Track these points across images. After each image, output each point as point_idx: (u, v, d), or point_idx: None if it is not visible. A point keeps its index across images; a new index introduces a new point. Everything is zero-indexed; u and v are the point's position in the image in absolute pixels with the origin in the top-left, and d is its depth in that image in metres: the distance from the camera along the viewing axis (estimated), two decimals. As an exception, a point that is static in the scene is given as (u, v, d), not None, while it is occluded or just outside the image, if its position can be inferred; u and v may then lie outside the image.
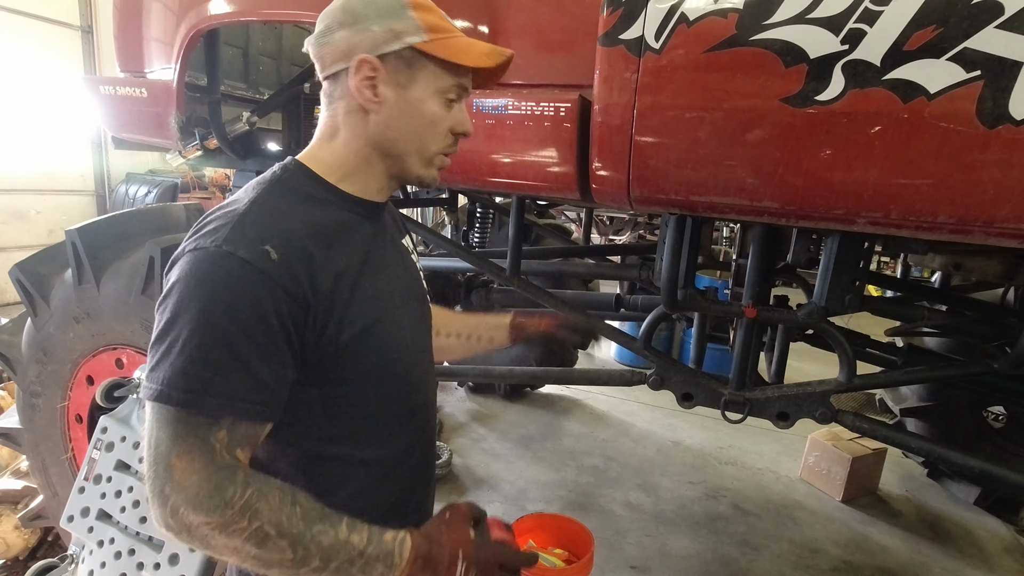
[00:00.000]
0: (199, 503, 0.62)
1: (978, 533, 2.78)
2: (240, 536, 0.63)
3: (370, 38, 0.74)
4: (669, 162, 1.28)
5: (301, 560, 0.65)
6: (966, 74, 1.00)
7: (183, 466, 0.63)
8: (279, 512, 0.65)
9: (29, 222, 5.77)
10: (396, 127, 0.77)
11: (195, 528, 0.63)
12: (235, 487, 0.64)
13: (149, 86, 2.03)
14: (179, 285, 0.66)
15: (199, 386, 0.64)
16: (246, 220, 0.69)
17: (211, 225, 0.69)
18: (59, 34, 5.84)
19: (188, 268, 0.66)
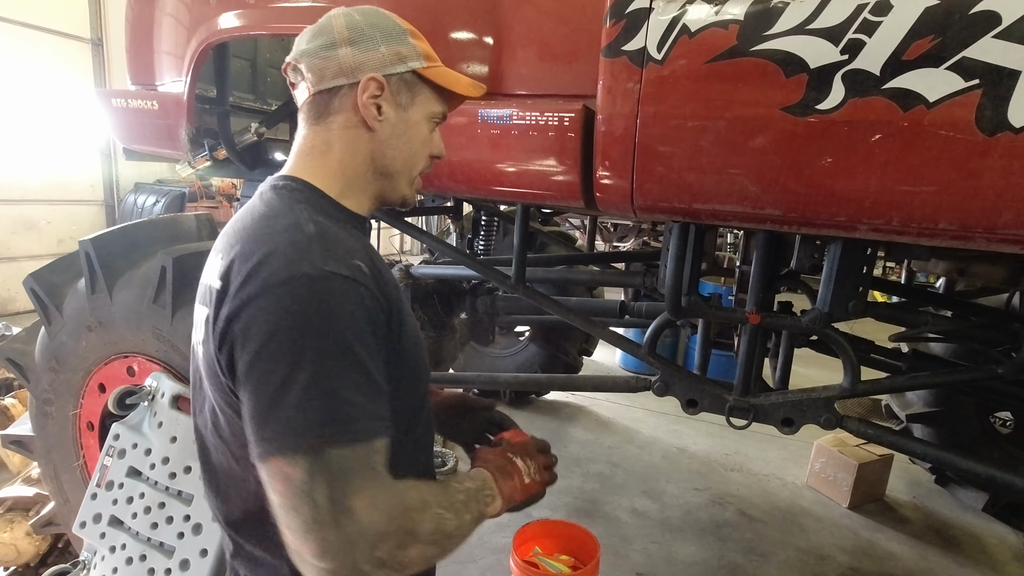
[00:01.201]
0: (389, 532, 0.61)
1: (986, 540, 2.76)
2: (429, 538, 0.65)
3: (378, 58, 0.77)
4: (672, 170, 1.30)
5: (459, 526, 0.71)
6: (964, 83, 1.02)
7: (365, 504, 0.60)
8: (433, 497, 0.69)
9: (39, 232, 5.84)
10: (395, 146, 0.81)
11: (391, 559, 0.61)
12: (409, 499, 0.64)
13: (160, 99, 2.06)
14: (289, 318, 0.62)
15: (355, 413, 0.62)
16: (326, 240, 0.68)
17: (286, 251, 0.66)
18: (70, 47, 5.93)
19: (294, 298, 0.62)
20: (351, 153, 0.79)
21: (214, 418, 0.76)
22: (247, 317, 0.64)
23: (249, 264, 0.66)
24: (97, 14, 6.08)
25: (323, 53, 0.77)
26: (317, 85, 0.77)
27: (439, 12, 1.54)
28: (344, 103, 0.78)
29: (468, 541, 0.73)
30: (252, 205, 0.78)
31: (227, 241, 0.74)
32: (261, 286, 0.64)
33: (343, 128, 0.79)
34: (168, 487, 1.33)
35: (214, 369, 0.69)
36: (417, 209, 2.99)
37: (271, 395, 0.61)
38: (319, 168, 0.80)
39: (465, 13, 1.53)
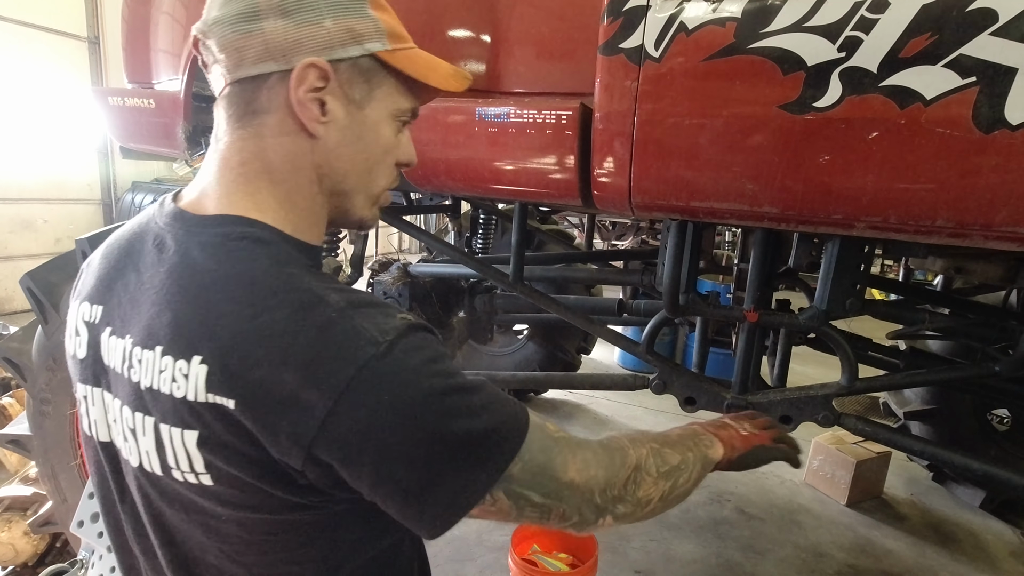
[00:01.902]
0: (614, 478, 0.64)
1: (984, 537, 2.77)
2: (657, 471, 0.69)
3: (321, 36, 0.56)
4: (670, 169, 1.30)
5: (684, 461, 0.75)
6: (961, 80, 1.02)
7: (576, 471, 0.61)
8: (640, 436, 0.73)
9: (36, 231, 5.82)
10: (347, 157, 0.62)
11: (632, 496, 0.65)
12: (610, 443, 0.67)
13: (157, 97, 2.06)
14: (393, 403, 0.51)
15: (495, 425, 0.57)
16: (357, 302, 0.55)
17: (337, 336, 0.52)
18: (66, 45, 5.91)
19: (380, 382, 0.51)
20: (292, 169, 0.60)
21: (224, 546, 0.61)
22: (341, 427, 0.50)
23: (293, 369, 0.50)
24: (93, 12, 6.06)
25: (241, 25, 0.55)
26: (235, 71, 0.57)
27: (435, 9, 1.53)
28: (275, 98, 0.58)
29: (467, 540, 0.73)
30: (197, 269, 0.55)
31: (172, 332, 0.54)
32: (334, 387, 0.50)
33: (277, 134, 0.59)
34: (166, 486, 1.33)
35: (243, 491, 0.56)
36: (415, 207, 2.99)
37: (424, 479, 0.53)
38: (260, 198, 0.59)
39: (462, 10, 1.52)
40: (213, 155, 0.61)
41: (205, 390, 0.52)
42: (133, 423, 0.59)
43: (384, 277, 2.67)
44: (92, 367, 0.63)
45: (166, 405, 0.55)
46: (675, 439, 0.79)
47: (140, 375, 0.56)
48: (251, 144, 0.59)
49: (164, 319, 0.55)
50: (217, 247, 0.56)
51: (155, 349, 0.55)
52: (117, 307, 0.61)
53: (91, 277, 0.66)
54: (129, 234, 0.65)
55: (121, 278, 0.62)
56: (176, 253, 0.57)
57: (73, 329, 0.66)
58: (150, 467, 0.59)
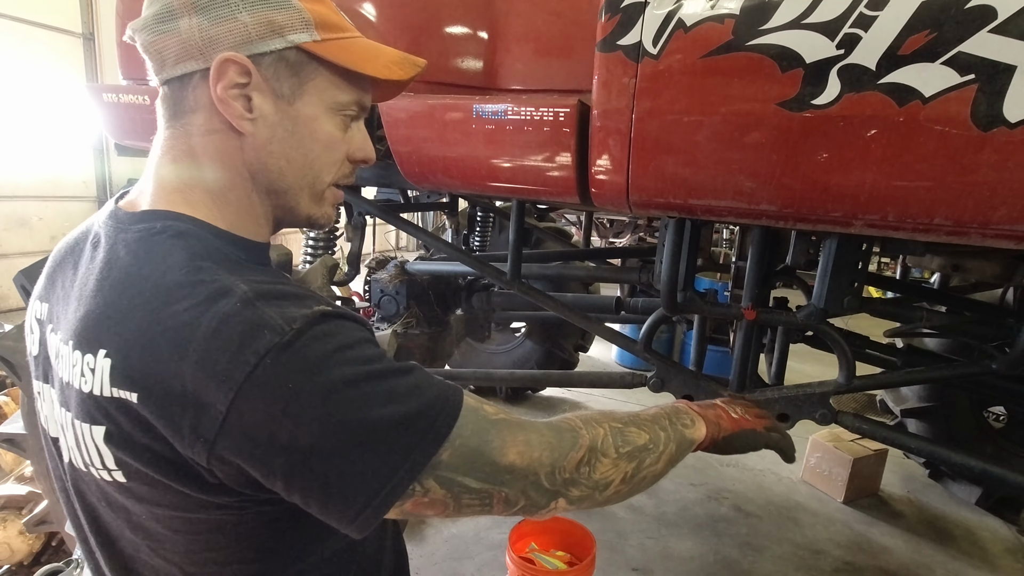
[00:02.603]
0: (562, 460, 0.61)
1: (980, 534, 2.78)
2: (616, 451, 0.66)
3: (237, 30, 0.55)
4: (667, 166, 1.29)
5: (652, 440, 0.72)
6: (960, 78, 1.01)
7: (516, 453, 0.58)
8: (601, 417, 0.70)
9: (32, 228, 5.80)
10: (281, 153, 0.60)
11: (586, 479, 0.63)
12: (560, 424, 0.66)
13: (151, 93, 2.04)
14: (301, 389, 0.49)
15: (422, 409, 0.54)
16: (265, 290, 0.53)
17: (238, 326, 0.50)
18: (61, 41, 5.88)
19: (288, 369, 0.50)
20: (222, 167, 0.59)
21: (152, 543, 0.60)
22: (242, 414, 0.49)
23: (194, 359, 0.49)
24: (88, 8, 6.02)
25: (158, 26, 0.55)
26: (160, 72, 0.58)
27: (432, 6, 1.52)
28: (200, 97, 0.57)
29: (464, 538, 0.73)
30: (117, 265, 0.55)
31: (86, 327, 0.54)
32: (238, 376, 0.48)
33: (205, 133, 0.58)
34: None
35: (155, 487, 0.55)
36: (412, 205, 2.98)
37: (338, 469, 0.51)
38: (199, 194, 0.60)
39: (460, 7, 1.51)
40: (152, 155, 0.62)
41: (109, 384, 0.51)
42: (63, 419, 0.59)
43: (381, 275, 2.67)
44: (43, 364, 0.64)
45: (77, 400, 0.55)
46: (646, 418, 0.77)
47: (62, 371, 0.57)
48: (182, 143, 0.59)
49: (79, 314, 0.55)
50: (139, 243, 0.56)
51: (70, 343, 0.55)
52: (56, 304, 0.62)
53: (42, 276, 0.68)
54: (77, 233, 0.67)
55: (61, 276, 0.64)
56: (104, 250, 0.58)
57: (28, 327, 0.67)
58: (76, 463, 0.59)
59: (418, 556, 2.34)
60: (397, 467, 0.52)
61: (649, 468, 0.71)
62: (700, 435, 0.84)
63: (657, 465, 0.73)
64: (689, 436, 0.82)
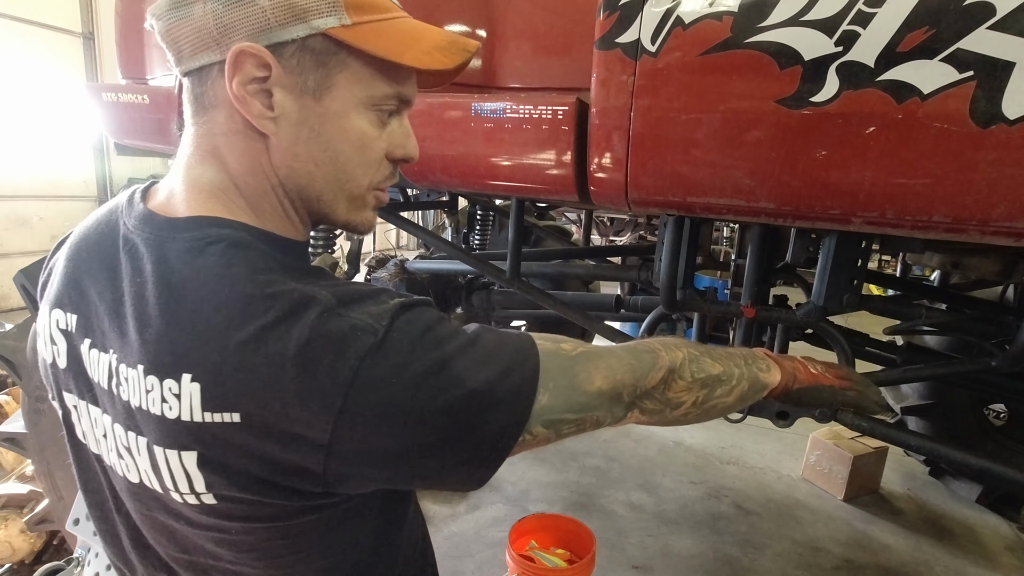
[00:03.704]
0: (641, 379, 0.64)
1: (980, 531, 2.78)
2: (692, 376, 0.69)
3: (255, 16, 0.49)
4: (666, 164, 1.29)
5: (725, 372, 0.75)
6: (959, 74, 1.01)
7: (601, 377, 0.60)
8: (679, 341, 0.73)
9: (32, 228, 5.80)
10: (307, 157, 0.55)
11: (662, 396, 0.66)
12: (636, 346, 0.68)
13: (151, 93, 2.04)
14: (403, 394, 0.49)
15: (515, 341, 0.57)
16: (346, 292, 0.52)
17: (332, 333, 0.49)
18: (61, 41, 5.88)
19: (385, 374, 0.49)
20: (248, 171, 0.55)
21: (235, 553, 0.58)
22: (353, 425, 0.48)
23: (293, 375, 0.47)
24: (88, 7, 6.03)
25: (173, 12, 0.50)
26: (178, 64, 0.53)
27: (431, 4, 1.52)
28: (219, 92, 0.52)
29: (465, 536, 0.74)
30: (175, 278, 0.51)
31: (156, 349, 0.50)
32: (341, 386, 0.47)
33: (227, 132, 0.53)
34: (161, 484, 1.33)
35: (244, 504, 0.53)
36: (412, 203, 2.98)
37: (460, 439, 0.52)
38: (233, 196, 0.55)
39: (458, 5, 1.51)
40: (180, 153, 0.57)
41: (201, 409, 0.48)
42: (127, 442, 0.55)
43: (381, 273, 2.67)
44: (76, 379, 0.59)
45: (159, 427, 0.51)
46: (723, 353, 0.79)
47: (128, 394, 0.52)
48: (206, 142, 0.54)
49: (145, 336, 0.50)
50: (193, 254, 0.51)
51: (137, 368, 0.51)
52: (95, 317, 0.56)
53: (59, 281, 0.60)
54: (97, 234, 0.60)
55: (94, 284, 0.57)
56: (151, 262, 0.52)
57: (48, 336, 0.61)
58: (151, 485, 0.55)
59: (418, 554, 2.34)
60: (505, 427, 0.53)
61: (720, 399, 0.74)
62: (774, 381, 0.84)
63: (728, 398, 0.75)
64: (763, 379, 0.82)
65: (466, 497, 2.77)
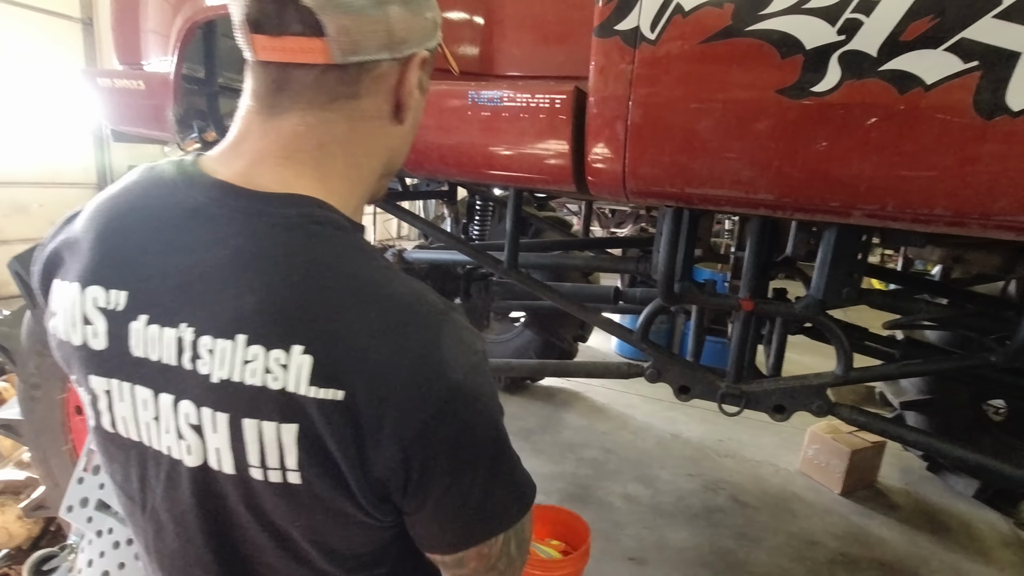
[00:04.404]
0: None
1: (977, 526, 2.78)
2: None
3: (424, 27, 0.57)
4: (664, 154, 1.28)
5: None
6: (963, 64, 0.99)
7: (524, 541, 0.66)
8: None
9: (31, 215, 5.79)
10: (410, 141, 0.65)
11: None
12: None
13: (146, 78, 2.02)
14: (481, 416, 0.55)
15: (528, 480, 0.64)
16: (447, 304, 0.56)
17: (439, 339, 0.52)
18: (60, 26, 5.83)
19: (475, 391, 0.54)
20: (370, 153, 0.59)
21: (291, 545, 0.57)
22: (440, 434, 0.52)
23: (408, 365, 0.50)
24: (87, -7, 5.98)
25: (370, 11, 0.52)
26: (348, 55, 0.52)
27: (429, -10, 1.50)
28: (379, 85, 0.56)
29: None
30: (275, 251, 0.52)
31: (261, 319, 0.50)
32: (448, 394, 0.51)
33: (366, 118, 0.57)
34: (154, 472, 1.33)
35: (326, 492, 0.53)
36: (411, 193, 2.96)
37: (476, 491, 0.57)
38: (330, 181, 0.57)
39: (455, -9, 1.49)
40: (268, 136, 0.55)
41: (309, 382, 0.49)
42: (197, 419, 0.53)
43: (379, 263, 2.65)
44: (117, 359, 0.56)
45: (255, 398, 0.50)
46: None
47: (212, 367, 0.51)
48: (337, 128, 0.56)
49: (247, 306, 0.50)
50: (294, 229, 0.52)
51: (236, 338, 0.50)
52: (155, 293, 0.54)
53: (93, 257, 0.56)
54: (142, 207, 0.57)
55: (154, 257, 0.54)
56: (240, 234, 0.52)
57: (79, 317, 0.56)
58: (218, 465, 0.54)
59: (415, 544, 2.35)
60: (512, 508, 0.62)
61: None
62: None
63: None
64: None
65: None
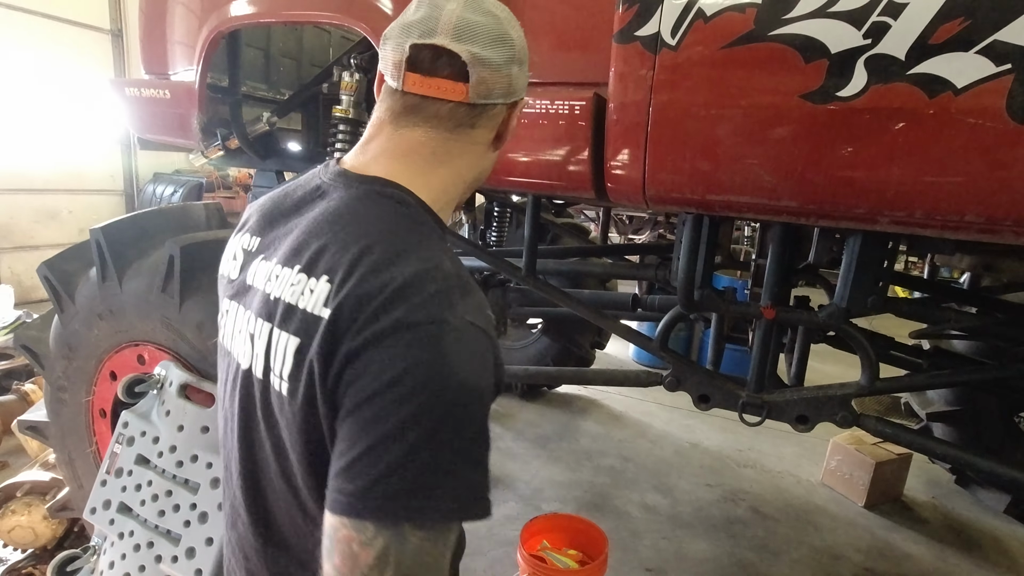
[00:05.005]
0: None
1: (1008, 543, 2.69)
2: None
3: (522, 81, 0.72)
4: (685, 161, 1.26)
5: None
6: (995, 67, 0.97)
7: None
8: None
9: (62, 221, 5.93)
10: (491, 168, 0.79)
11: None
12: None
13: (172, 88, 2.06)
14: (421, 368, 0.54)
15: (469, 494, 0.55)
16: (464, 282, 0.61)
17: (424, 288, 0.57)
18: (90, 38, 5.99)
19: (430, 344, 0.55)
20: (469, 167, 0.73)
21: (283, 462, 0.65)
22: (372, 356, 0.55)
23: (380, 298, 0.56)
24: (116, 4, 6.13)
25: (503, 68, 0.67)
26: (480, 98, 0.67)
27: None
28: (491, 119, 0.71)
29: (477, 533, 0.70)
30: (347, 211, 0.65)
31: (314, 255, 0.63)
32: (393, 324, 0.55)
33: (475, 143, 0.71)
34: (175, 475, 1.34)
35: (302, 408, 0.60)
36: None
37: (372, 443, 0.53)
38: (430, 179, 0.70)
39: None
40: (392, 140, 0.70)
41: (322, 305, 0.59)
42: (254, 328, 0.67)
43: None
44: (239, 286, 0.73)
45: (287, 313, 0.62)
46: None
47: (273, 288, 0.65)
48: (452, 146, 0.70)
49: (310, 246, 0.64)
50: (367, 197, 0.67)
51: (294, 267, 0.64)
52: (273, 240, 0.71)
53: (256, 216, 0.77)
54: (295, 186, 0.76)
55: (282, 217, 0.73)
56: (331, 199, 0.68)
57: (231, 254, 0.77)
58: (255, 370, 0.66)
59: (431, 550, 2.34)
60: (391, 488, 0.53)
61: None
62: None
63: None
64: None
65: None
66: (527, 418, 3.69)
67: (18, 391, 3.03)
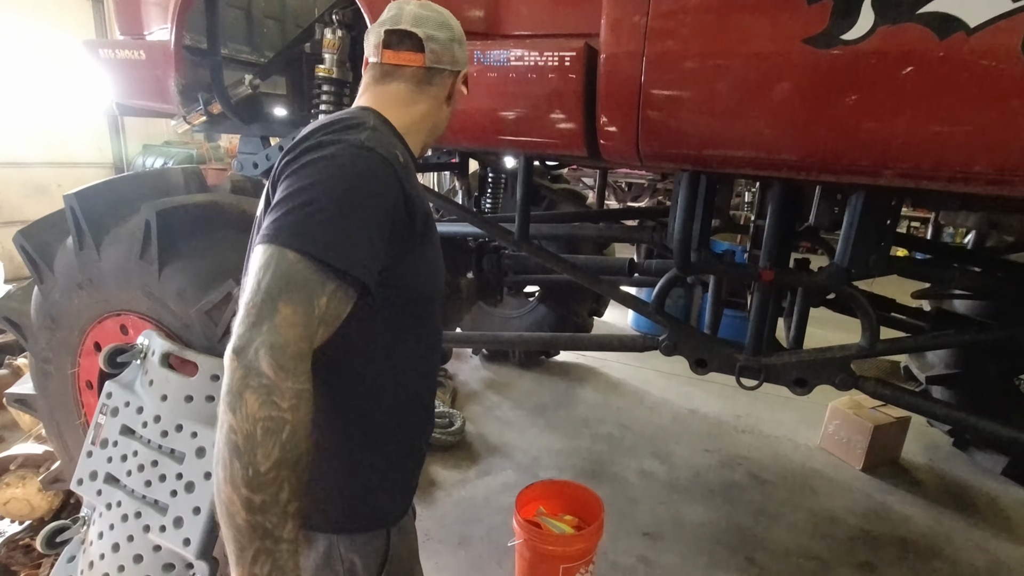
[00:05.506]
0: (279, 356, 0.65)
1: (1004, 503, 2.70)
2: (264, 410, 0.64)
3: (465, 58, 1.01)
4: (681, 114, 1.20)
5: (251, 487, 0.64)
6: (1012, 3, 0.90)
7: (287, 314, 0.67)
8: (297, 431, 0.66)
9: (51, 196, 5.83)
10: (446, 123, 1.03)
11: (251, 374, 0.64)
12: (307, 369, 0.68)
13: (147, 48, 1.98)
14: (324, 161, 0.74)
15: (326, 241, 0.70)
16: (378, 131, 0.83)
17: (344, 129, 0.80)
18: (71, 2, 5.81)
19: (335, 152, 0.75)
20: (430, 111, 0.98)
21: None
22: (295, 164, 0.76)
23: (304, 133, 0.80)
24: (96, -31, 5.92)
25: (448, 44, 0.95)
26: (432, 63, 0.94)
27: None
28: (444, 82, 0.98)
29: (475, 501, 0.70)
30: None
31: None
32: (312, 144, 0.77)
33: (432, 97, 0.97)
34: (160, 445, 1.31)
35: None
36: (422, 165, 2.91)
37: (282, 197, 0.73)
38: (401, 113, 0.94)
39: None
40: (375, 93, 0.95)
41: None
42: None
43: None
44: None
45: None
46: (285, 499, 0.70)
47: None
48: (417, 96, 0.96)
49: None
50: (352, 112, 0.90)
51: None
52: None
53: None
54: None
55: None
56: None
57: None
58: None
59: (428, 518, 2.35)
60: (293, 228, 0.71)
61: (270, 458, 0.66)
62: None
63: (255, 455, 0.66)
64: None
65: (476, 463, 2.77)
66: (525, 387, 3.68)
67: (10, 365, 3.01)
